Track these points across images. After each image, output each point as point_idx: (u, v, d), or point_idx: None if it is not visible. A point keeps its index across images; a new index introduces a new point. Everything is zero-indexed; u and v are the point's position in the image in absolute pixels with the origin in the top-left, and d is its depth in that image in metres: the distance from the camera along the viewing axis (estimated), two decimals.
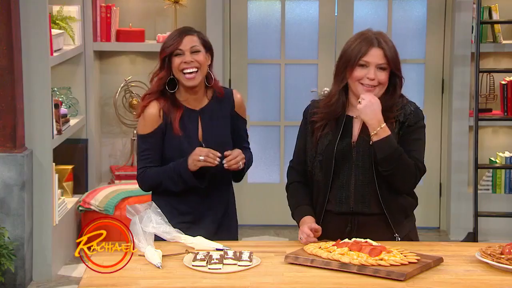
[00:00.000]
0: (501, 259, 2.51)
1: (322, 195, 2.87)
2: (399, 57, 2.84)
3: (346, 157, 2.83)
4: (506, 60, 5.40)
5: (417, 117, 2.85)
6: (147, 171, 3.00)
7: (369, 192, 2.82)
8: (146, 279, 2.48)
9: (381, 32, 2.86)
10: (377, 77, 2.79)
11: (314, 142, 2.88)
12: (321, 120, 2.87)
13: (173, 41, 2.96)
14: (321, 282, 2.45)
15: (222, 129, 3.05)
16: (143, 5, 5.50)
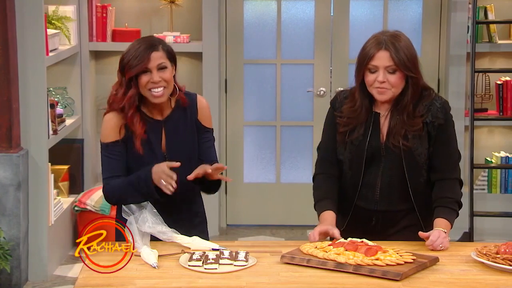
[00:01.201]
0: (497, 259, 2.52)
1: (351, 191, 2.89)
2: (416, 55, 2.82)
3: (375, 157, 2.85)
4: (501, 60, 5.41)
5: (444, 113, 2.84)
6: (111, 182, 2.86)
7: (396, 193, 2.85)
8: (142, 279, 2.48)
9: (396, 34, 2.83)
10: (388, 79, 2.78)
11: (342, 141, 2.88)
12: (347, 125, 2.87)
13: (139, 60, 2.80)
14: (317, 282, 2.45)
15: (186, 140, 2.94)
16: (139, 5, 5.49)
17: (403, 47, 2.80)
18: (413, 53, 2.82)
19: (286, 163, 5.64)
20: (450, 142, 2.87)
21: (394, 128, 2.82)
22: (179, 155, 2.90)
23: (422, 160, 2.84)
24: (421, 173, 2.85)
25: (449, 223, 2.78)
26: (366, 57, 2.80)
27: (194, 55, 5.45)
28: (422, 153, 2.83)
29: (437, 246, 2.68)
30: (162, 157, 2.90)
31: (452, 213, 2.80)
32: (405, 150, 2.82)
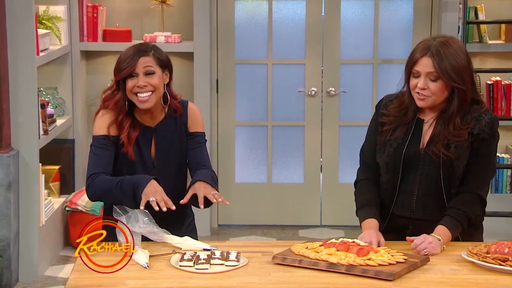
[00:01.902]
0: (487, 258, 2.53)
1: (389, 198, 2.86)
2: (466, 66, 2.73)
3: (413, 164, 2.81)
4: (491, 60, 5.43)
5: (491, 128, 2.79)
6: (97, 177, 2.83)
7: (432, 201, 2.82)
8: (133, 280, 2.48)
9: (446, 40, 2.76)
10: (429, 87, 2.75)
11: (383, 142, 2.86)
12: (391, 123, 2.84)
13: (127, 63, 2.82)
14: (309, 282, 2.45)
15: (176, 147, 2.93)
16: (129, 5, 5.48)
17: (450, 56, 2.72)
18: (462, 63, 2.73)
19: (277, 163, 5.65)
20: (488, 159, 2.82)
21: (437, 137, 2.77)
22: (168, 162, 2.91)
23: (459, 171, 2.79)
24: (456, 184, 2.80)
25: (449, 233, 2.73)
26: (411, 61, 2.78)
27: (185, 55, 5.44)
28: (461, 164, 2.78)
29: (420, 250, 2.64)
30: (151, 163, 2.90)
31: (457, 226, 2.75)
32: (445, 159, 2.77)
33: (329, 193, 5.63)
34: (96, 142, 2.89)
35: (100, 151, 2.87)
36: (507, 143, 5.41)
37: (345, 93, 5.54)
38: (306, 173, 5.62)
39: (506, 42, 5.30)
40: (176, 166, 2.93)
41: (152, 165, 2.90)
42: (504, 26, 5.30)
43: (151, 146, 2.91)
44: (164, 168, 2.90)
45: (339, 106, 5.56)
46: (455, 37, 2.86)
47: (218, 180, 3.00)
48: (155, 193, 2.74)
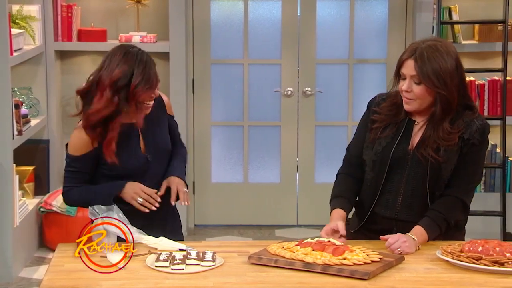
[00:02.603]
0: (461, 257, 2.55)
1: (371, 196, 2.86)
2: (453, 71, 2.71)
3: (400, 164, 2.81)
4: (465, 60, 5.46)
5: (482, 135, 2.78)
6: (74, 189, 2.89)
7: (417, 203, 2.81)
8: (108, 281, 2.46)
9: (435, 44, 2.73)
10: (413, 90, 2.74)
11: (372, 140, 2.85)
12: (382, 121, 2.83)
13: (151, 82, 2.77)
14: (285, 282, 2.45)
15: (162, 136, 2.96)
16: (104, 4, 5.46)
17: (434, 60, 2.70)
18: (446, 68, 2.70)
19: (253, 163, 5.65)
20: (476, 165, 2.82)
21: (427, 140, 2.77)
22: (159, 154, 2.94)
23: (447, 174, 2.79)
24: (441, 187, 2.81)
25: (425, 234, 2.73)
26: (398, 63, 2.78)
27: (161, 55, 5.42)
28: (449, 167, 2.78)
29: (394, 249, 2.65)
30: (144, 158, 2.91)
31: (434, 228, 2.76)
32: (433, 162, 2.77)
33: (305, 193, 5.64)
34: (72, 162, 2.89)
35: (75, 172, 2.89)
36: None
37: (321, 93, 5.56)
38: (282, 173, 5.63)
39: (480, 42, 5.34)
40: (166, 155, 2.97)
41: (145, 160, 2.92)
42: (478, 26, 5.35)
43: (140, 140, 2.92)
44: (156, 158, 2.93)
45: (315, 106, 5.57)
46: (448, 41, 2.85)
47: (195, 181, 3.06)
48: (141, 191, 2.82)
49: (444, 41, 2.82)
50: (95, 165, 2.89)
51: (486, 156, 2.90)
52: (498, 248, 2.54)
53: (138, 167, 2.90)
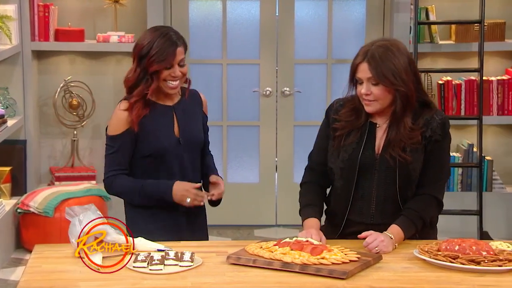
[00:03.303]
0: (438, 256, 2.56)
1: (343, 204, 2.86)
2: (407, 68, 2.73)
3: (368, 169, 2.81)
4: (442, 60, 5.51)
5: (443, 129, 2.81)
6: (118, 179, 2.98)
7: (390, 206, 2.82)
8: (85, 281, 2.45)
9: (385, 44, 2.75)
10: (372, 92, 2.75)
11: (336, 147, 2.85)
12: (344, 128, 2.83)
13: (165, 56, 2.91)
14: (263, 282, 2.46)
15: (197, 126, 3.07)
16: (82, 4, 5.43)
17: (387, 59, 2.72)
18: (400, 64, 2.72)
19: (232, 163, 5.64)
20: (441, 161, 2.84)
21: (393, 141, 2.78)
22: (192, 140, 3.03)
23: (415, 174, 2.80)
24: (411, 188, 2.82)
25: (402, 233, 2.75)
26: (352, 68, 2.79)
27: None
28: (417, 167, 2.80)
29: (372, 248, 2.66)
30: (176, 141, 2.99)
31: (410, 226, 2.78)
32: (401, 162, 2.78)
33: (284, 193, 5.65)
34: (111, 142, 2.99)
35: (117, 151, 2.97)
36: (458, 142, 5.50)
37: (300, 93, 5.57)
38: (261, 173, 5.63)
39: (457, 43, 5.38)
40: (198, 144, 3.06)
41: (178, 142, 2.99)
42: (454, 26, 5.39)
43: (174, 124, 3.00)
44: (189, 145, 3.01)
45: (293, 106, 5.58)
46: (397, 40, 2.86)
47: None
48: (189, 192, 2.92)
49: (394, 40, 2.84)
50: (133, 146, 2.96)
51: (450, 150, 2.94)
52: (474, 247, 2.56)
53: (170, 147, 2.97)
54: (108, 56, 5.46)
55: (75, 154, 5.44)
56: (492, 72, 5.44)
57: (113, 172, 2.98)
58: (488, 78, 5.36)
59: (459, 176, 5.44)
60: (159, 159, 2.98)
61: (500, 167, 5.49)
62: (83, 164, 5.48)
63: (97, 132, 5.55)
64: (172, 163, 2.99)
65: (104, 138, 5.61)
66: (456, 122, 5.36)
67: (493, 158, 5.43)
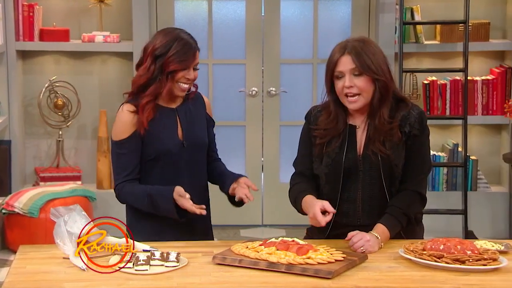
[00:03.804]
0: (423, 255, 2.57)
1: None
2: (384, 61, 2.78)
3: (353, 171, 2.82)
4: (427, 60, 5.53)
5: (421, 124, 2.83)
6: (126, 187, 2.93)
7: (377, 206, 2.83)
8: (70, 282, 2.44)
9: (361, 39, 2.82)
10: (355, 84, 2.76)
11: (318, 154, 2.85)
12: (324, 136, 2.84)
13: (185, 57, 2.89)
14: (249, 282, 2.46)
15: (200, 129, 3.04)
16: (67, 4, 5.41)
17: (367, 51, 2.77)
18: (379, 57, 2.78)
19: None
20: (422, 155, 2.85)
21: (373, 136, 2.79)
22: (196, 143, 3.00)
23: (398, 171, 2.82)
24: (395, 185, 2.84)
25: (387, 231, 2.76)
26: (331, 65, 2.79)
27: (124, 55, 5.39)
28: (399, 164, 2.81)
29: (357, 248, 2.67)
30: (180, 143, 2.96)
31: (395, 224, 2.79)
32: (384, 158, 2.79)
33: (270, 193, 5.65)
34: (117, 148, 2.93)
35: (123, 156, 2.93)
36: (443, 142, 5.53)
37: (286, 93, 5.57)
38: (247, 173, 5.63)
39: (441, 43, 5.40)
40: (202, 147, 3.03)
41: (182, 145, 2.96)
42: (439, 26, 5.41)
43: (178, 127, 2.98)
44: (193, 147, 2.99)
45: (279, 106, 5.59)
46: (369, 38, 2.92)
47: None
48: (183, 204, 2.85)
49: (368, 38, 2.90)
50: (140, 149, 2.93)
51: (430, 144, 2.94)
52: (459, 246, 2.57)
53: (174, 149, 2.94)
54: (93, 56, 5.44)
55: (60, 155, 5.42)
56: (476, 72, 5.47)
57: (122, 180, 2.92)
58: (473, 78, 5.39)
59: (444, 175, 5.46)
60: (163, 162, 2.95)
61: (484, 167, 5.52)
62: (68, 164, 5.46)
63: (82, 132, 5.53)
64: (177, 165, 2.96)
65: (90, 138, 5.60)
66: (441, 122, 5.39)
67: (478, 158, 5.46)
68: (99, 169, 5.38)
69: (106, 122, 5.36)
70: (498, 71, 5.41)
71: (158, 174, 2.96)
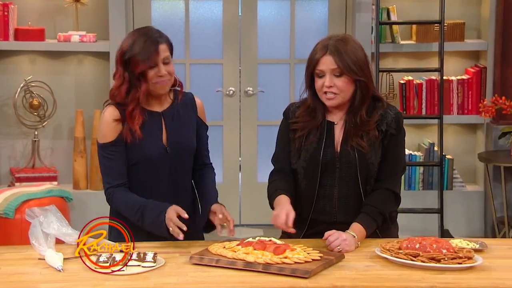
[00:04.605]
0: (399, 254, 2.59)
1: (307, 204, 2.87)
2: (365, 61, 2.78)
3: (330, 168, 2.83)
4: (403, 60, 5.57)
5: (398, 123, 2.84)
6: (116, 195, 2.83)
7: (353, 203, 2.84)
8: (46, 283, 2.43)
9: (343, 37, 2.80)
10: (335, 84, 2.77)
11: (297, 149, 2.85)
12: (303, 129, 2.84)
13: (148, 54, 2.79)
14: (226, 282, 2.45)
15: (187, 133, 2.94)
16: (42, 3, 5.37)
17: (349, 51, 2.76)
18: (360, 56, 2.78)
19: None
20: (397, 155, 2.87)
21: (351, 132, 2.81)
22: (179, 148, 2.90)
23: (374, 169, 2.83)
24: (371, 183, 2.85)
25: (363, 230, 2.77)
26: (312, 63, 2.79)
27: (101, 55, 5.37)
28: (375, 162, 2.83)
29: (334, 247, 2.68)
30: (163, 149, 2.88)
31: (371, 223, 2.80)
32: (361, 156, 2.80)
33: (248, 192, 5.66)
34: (104, 152, 2.85)
35: (110, 161, 2.85)
36: (419, 141, 5.56)
37: (263, 92, 5.58)
38: (225, 173, 5.63)
39: (417, 43, 5.44)
40: (187, 151, 2.93)
41: (165, 151, 2.88)
42: (415, 27, 5.44)
43: (162, 132, 2.90)
44: (177, 153, 2.90)
45: (257, 106, 5.59)
46: (351, 35, 2.92)
47: None
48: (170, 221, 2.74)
49: (349, 35, 2.90)
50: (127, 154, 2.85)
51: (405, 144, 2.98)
52: (435, 245, 2.59)
53: (157, 155, 2.86)
54: (69, 56, 5.41)
55: (36, 155, 5.38)
56: (452, 72, 5.52)
57: (111, 185, 2.85)
58: (449, 78, 5.43)
59: (420, 175, 5.50)
60: (145, 168, 2.88)
61: (460, 166, 5.57)
62: (44, 164, 5.42)
63: (58, 132, 5.50)
64: (159, 172, 2.89)
65: (66, 138, 5.57)
66: (417, 121, 5.42)
67: (454, 157, 5.50)
68: (76, 169, 5.35)
69: (82, 122, 5.33)
70: (473, 71, 5.46)
71: (139, 180, 2.89)
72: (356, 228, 2.77)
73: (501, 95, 5.19)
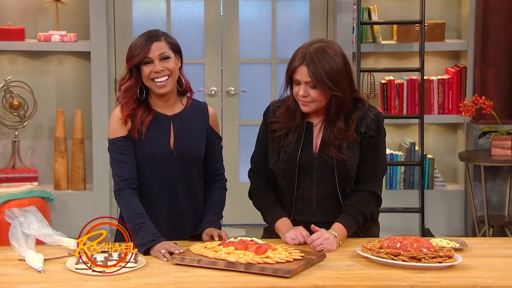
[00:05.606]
0: (380, 253, 2.60)
1: (287, 205, 2.87)
2: (342, 69, 2.75)
3: (308, 168, 2.83)
4: (385, 60, 5.59)
5: (377, 125, 2.84)
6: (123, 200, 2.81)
7: (331, 204, 2.85)
8: (26, 284, 2.41)
9: (323, 46, 2.76)
10: (310, 94, 2.77)
11: (276, 149, 2.86)
12: (281, 129, 2.84)
13: (140, 49, 2.81)
14: (208, 282, 2.45)
15: (196, 139, 2.92)
16: (22, 3, 5.33)
17: (325, 62, 2.74)
18: (337, 67, 2.74)
19: None
20: (377, 156, 2.88)
21: (328, 141, 2.81)
22: (186, 154, 2.89)
23: (353, 170, 2.84)
24: (350, 184, 2.85)
25: (345, 230, 2.79)
26: (290, 70, 2.79)
27: (81, 55, 5.35)
28: (354, 163, 2.83)
29: (316, 246, 2.69)
30: (169, 151, 2.88)
31: (352, 223, 2.81)
32: (339, 161, 2.81)
33: (229, 192, 5.55)
34: (113, 147, 2.86)
35: (121, 156, 2.85)
36: (400, 141, 5.59)
37: (245, 92, 5.58)
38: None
39: (398, 43, 5.47)
40: (193, 158, 2.92)
41: (170, 154, 2.87)
42: (396, 27, 5.47)
43: (170, 135, 2.89)
44: (182, 158, 2.89)
45: (239, 106, 5.59)
46: (333, 40, 2.92)
47: None
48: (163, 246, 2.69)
49: (330, 41, 2.86)
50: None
51: (386, 145, 2.98)
52: (415, 244, 2.60)
53: (162, 158, 2.86)
54: (50, 56, 5.38)
55: (16, 155, 5.35)
56: (432, 71, 5.55)
57: (123, 178, 2.83)
58: (429, 77, 5.46)
59: (401, 174, 5.52)
60: (148, 168, 2.87)
61: (441, 165, 5.60)
62: (24, 165, 5.39)
63: (39, 133, 5.47)
64: (161, 174, 2.88)
65: (46, 139, 5.55)
66: (398, 121, 5.44)
67: (434, 156, 5.53)
68: (56, 170, 5.33)
69: (63, 122, 5.30)
70: (454, 70, 5.49)
71: (142, 179, 2.87)
72: (337, 228, 2.78)
73: (481, 94, 5.22)
